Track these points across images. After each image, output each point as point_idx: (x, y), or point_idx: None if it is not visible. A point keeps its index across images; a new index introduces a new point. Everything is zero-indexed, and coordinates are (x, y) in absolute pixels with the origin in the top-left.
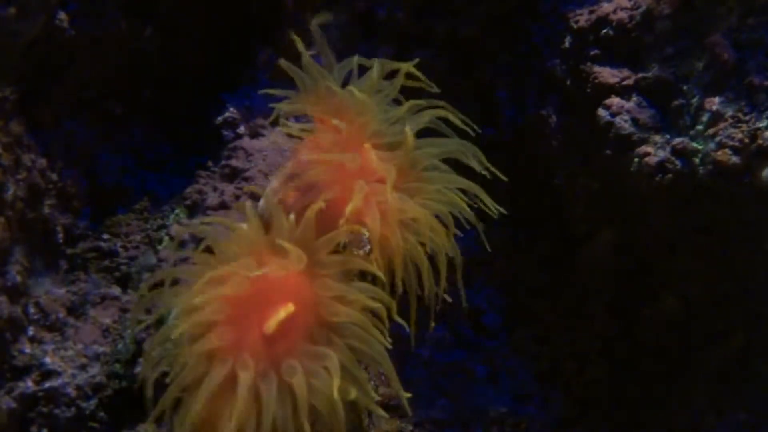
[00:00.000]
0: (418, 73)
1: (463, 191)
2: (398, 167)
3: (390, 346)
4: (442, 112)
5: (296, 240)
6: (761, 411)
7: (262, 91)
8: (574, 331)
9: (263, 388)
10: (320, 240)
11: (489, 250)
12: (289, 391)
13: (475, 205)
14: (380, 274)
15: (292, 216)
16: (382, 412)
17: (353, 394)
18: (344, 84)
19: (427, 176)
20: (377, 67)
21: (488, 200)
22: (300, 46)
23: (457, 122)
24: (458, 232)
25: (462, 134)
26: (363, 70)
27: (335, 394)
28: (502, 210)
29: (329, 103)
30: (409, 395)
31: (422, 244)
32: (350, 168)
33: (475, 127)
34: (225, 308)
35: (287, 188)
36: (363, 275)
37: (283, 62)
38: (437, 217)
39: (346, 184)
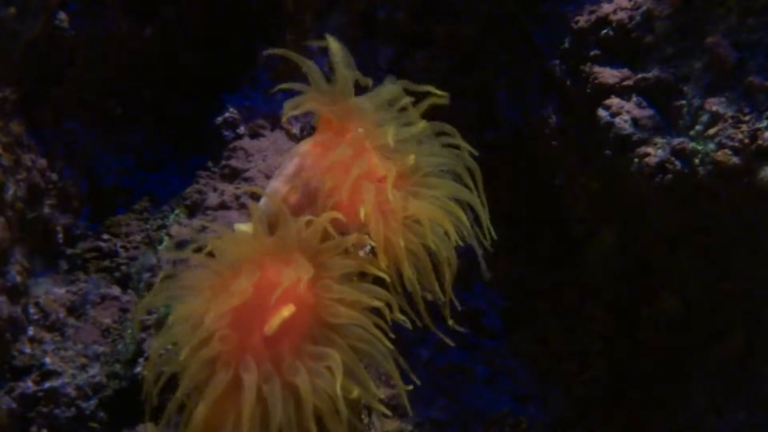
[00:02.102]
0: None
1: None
2: (399, 169)
3: (392, 345)
4: (451, 141)
5: (301, 242)
6: (761, 411)
7: (277, 88)
8: (574, 331)
9: (267, 389)
10: (325, 245)
11: (485, 273)
12: (292, 392)
13: (472, 216)
14: (383, 275)
15: (300, 219)
16: (384, 410)
17: (355, 392)
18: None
19: (429, 182)
20: (392, 85)
21: (485, 219)
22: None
23: (465, 150)
24: (458, 240)
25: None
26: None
27: (338, 391)
28: (493, 236)
29: (343, 107)
30: (410, 387)
31: (424, 245)
32: (354, 168)
33: (475, 152)
34: (228, 314)
35: (289, 189)
36: (363, 275)
37: (294, 55)
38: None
39: (350, 185)
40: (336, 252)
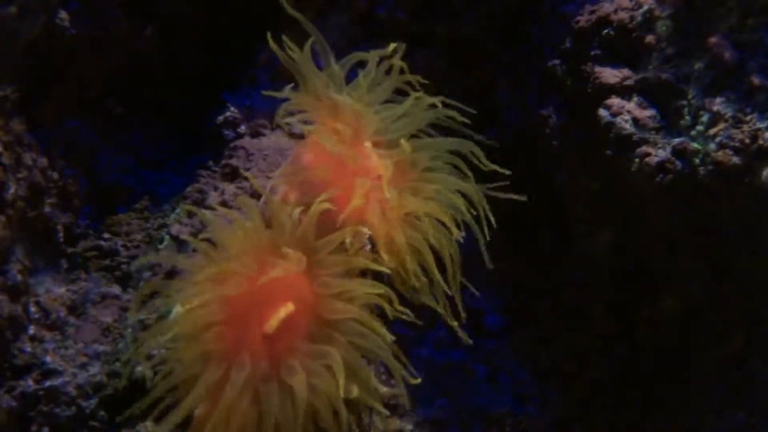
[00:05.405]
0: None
1: (464, 194)
2: (397, 165)
3: (393, 337)
4: (444, 111)
5: (297, 239)
6: (761, 411)
7: (265, 93)
8: (574, 331)
9: (263, 389)
10: (321, 241)
11: (488, 262)
12: (289, 392)
13: (474, 212)
14: (384, 268)
15: (294, 213)
16: (384, 411)
17: (355, 392)
18: (347, 78)
19: (428, 176)
20: (373, 66)
21: (486, 207)
22: (305, 49)
23: (457, 118)
24: (460, 234)
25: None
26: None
27: (341, 393)
28: (493, 223)
29: (329, 105)
30: (417, 381)
31: (425, 241)
32: (351, 166)
33: (473, 134)
34: (224, 308)
35: (288, 187)
36: (363, 275)
37: (285, 59)
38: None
39: (347, 182)
40: (332, 247)
